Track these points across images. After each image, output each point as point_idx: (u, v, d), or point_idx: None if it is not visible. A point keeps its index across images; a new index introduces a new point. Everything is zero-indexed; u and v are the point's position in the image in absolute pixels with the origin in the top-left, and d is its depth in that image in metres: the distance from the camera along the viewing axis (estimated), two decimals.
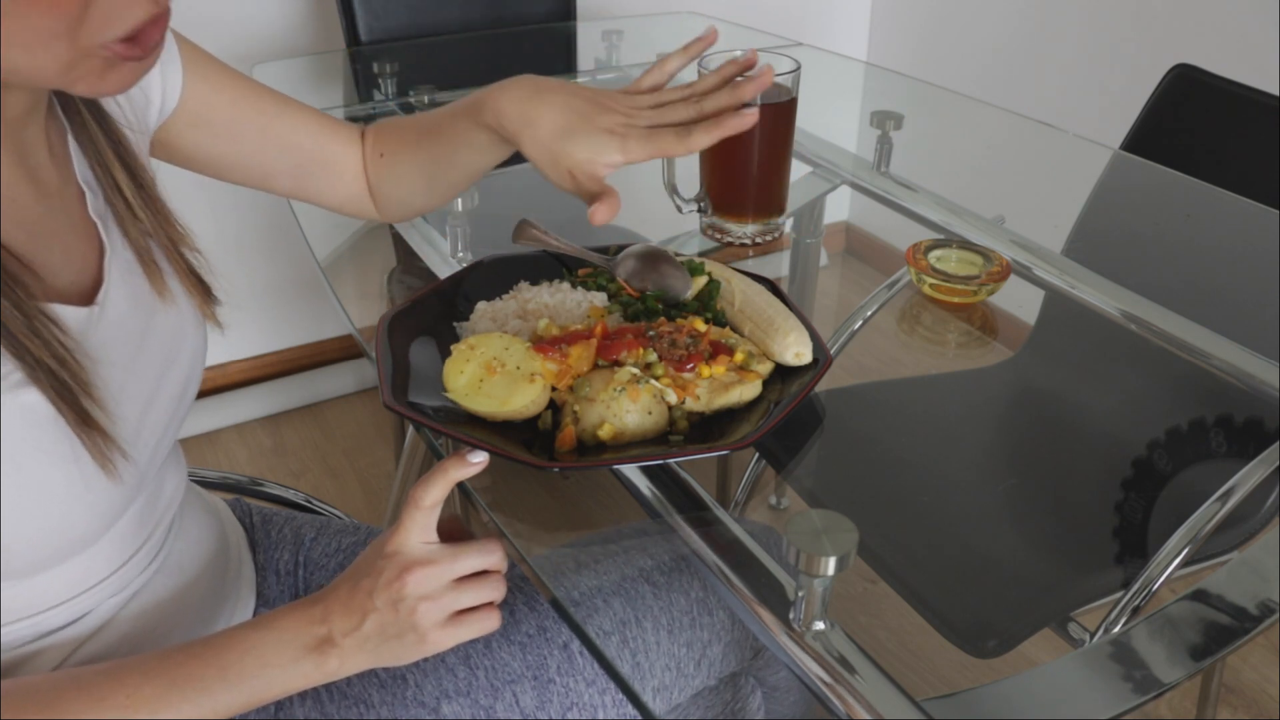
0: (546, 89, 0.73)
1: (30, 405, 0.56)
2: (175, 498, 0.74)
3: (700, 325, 0.76)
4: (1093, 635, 0.79)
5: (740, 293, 0.81)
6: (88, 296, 0.62)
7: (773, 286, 0.83)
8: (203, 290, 0.72)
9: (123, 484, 0.62)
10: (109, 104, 0.68)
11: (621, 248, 0.84)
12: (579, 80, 1.73)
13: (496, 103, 0.74)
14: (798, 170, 1.18)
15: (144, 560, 0.69)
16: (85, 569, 0.63)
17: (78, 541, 0.61)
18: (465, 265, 0.87)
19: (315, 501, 1.08)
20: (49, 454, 0.57)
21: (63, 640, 0.64)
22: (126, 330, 0.65)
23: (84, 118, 0.65)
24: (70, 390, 0.57)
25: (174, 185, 0.76)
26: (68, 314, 0.59)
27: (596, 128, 0.70)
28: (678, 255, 0.83)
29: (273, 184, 0.84)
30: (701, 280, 0.82)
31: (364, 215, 0.89)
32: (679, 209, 1.05)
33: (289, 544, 0.89)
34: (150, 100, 0.73)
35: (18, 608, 0.61)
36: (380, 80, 1.55)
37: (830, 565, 0.56)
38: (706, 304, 0.81)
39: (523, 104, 0.73)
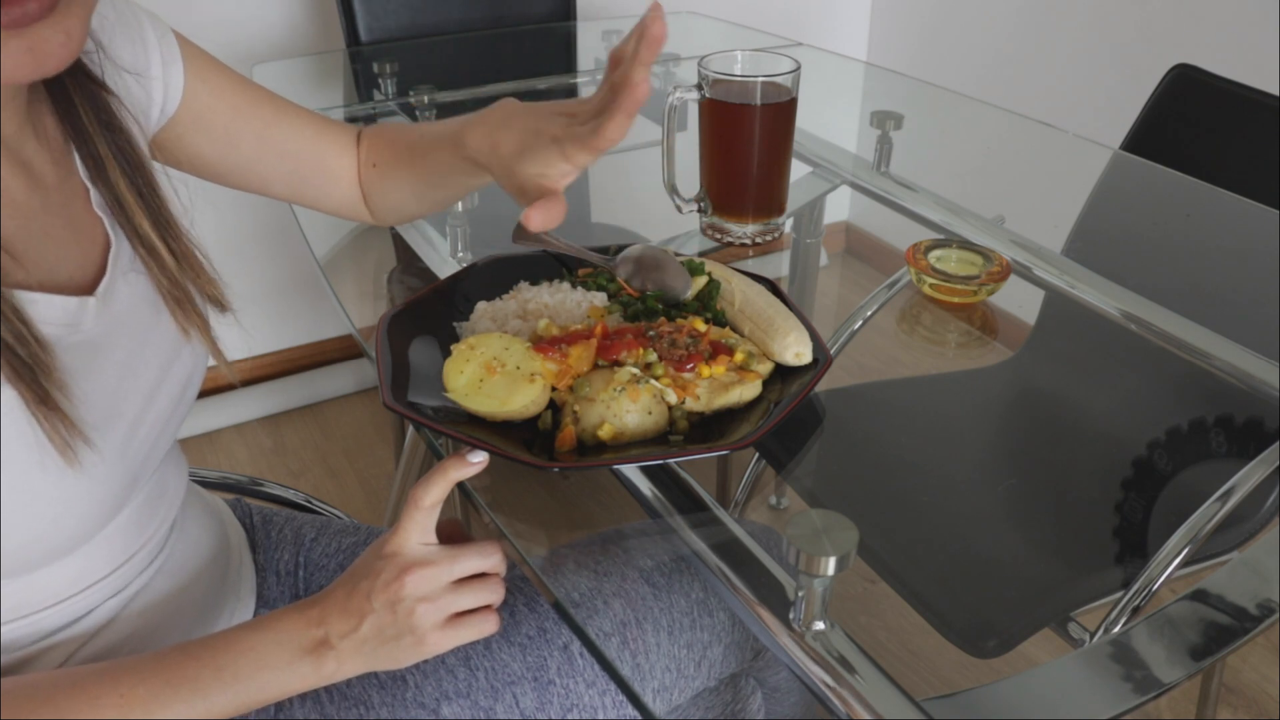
0: (515, 115, 0.71)
1: (10, 402, 0.55)
2: (176, 498, 0.73)
3: (700, 325, 0.76)
4: (1093, 635, 0.79)
5: (740, 293, 0.81)
6: (90, 289, 0.62)
7: (773, 286, 0.83)
8: (212, 290, 0.71)
9: (109, 481, 0.61)
10: (112, 100, 0.67)
11: (621, 248, 0.84)
12: (578, 80, 1.73)
13: (470, 136, 0.73)
14: (798, 170, 1.18)
15: (144, 560, 0.69)
16: (82, 568, 0.63)
17: (70, 540, 0.61)
18: (465, 265, 0.87)
19: (315, 501, 1.07)
20: (31, 450, 0.56)
21: (63, 641, 0.64)
22: (131, 324, 0.65)
23: (83, 114, 0.65)
24: (29, 370, 0.55)
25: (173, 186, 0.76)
26: (56, 302, 0.59)
27: (546, 140, 0.66)
28: (678, 255, 0.83)
29: (269, 189, 0.84)
30: (701, 280, 0.82)
31: (359, 219, 0.89)
32: (679, 209, 1.05)
33: (289, 544, 0.89)
34: (152, 99, 0.73)
35: (15, 606, 0.61)
36: (380, 80, 1.55)
37: (830, 565, 0.56)
38: (706, 304, 0.81)
39: (490, 135, 0.71)
